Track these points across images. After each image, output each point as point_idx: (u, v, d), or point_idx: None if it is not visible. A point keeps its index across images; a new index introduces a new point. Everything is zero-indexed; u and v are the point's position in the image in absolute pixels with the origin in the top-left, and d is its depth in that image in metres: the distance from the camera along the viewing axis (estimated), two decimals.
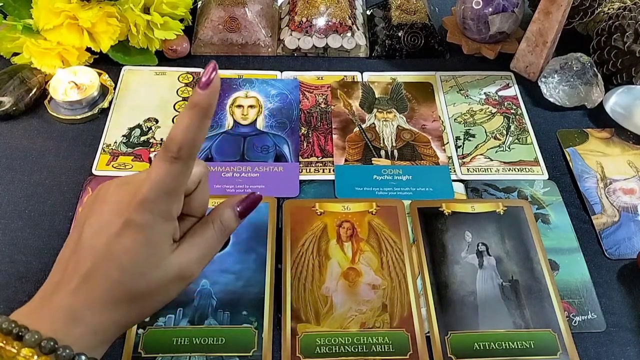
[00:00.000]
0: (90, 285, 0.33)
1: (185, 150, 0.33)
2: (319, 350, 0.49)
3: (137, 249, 0.33)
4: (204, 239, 0.37)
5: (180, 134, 0.33)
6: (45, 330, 0.31)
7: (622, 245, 0.58)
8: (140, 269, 0.34)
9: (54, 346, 0.30)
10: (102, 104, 0.67)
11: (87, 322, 0.33)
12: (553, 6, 0.67)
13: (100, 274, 0.33)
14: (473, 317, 0.52)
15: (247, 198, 0.39)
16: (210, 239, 0.37)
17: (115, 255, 0.33)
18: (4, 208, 0.58)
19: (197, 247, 0.36)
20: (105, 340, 0.34)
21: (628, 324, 0.52)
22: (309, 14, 0.74)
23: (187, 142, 0.33)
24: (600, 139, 0.68)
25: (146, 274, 0.34)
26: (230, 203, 0.38)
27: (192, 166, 0.35)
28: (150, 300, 0.35)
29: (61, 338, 0.31)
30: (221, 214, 0.37)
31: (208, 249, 0.37)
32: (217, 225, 0.37)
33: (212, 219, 0.37)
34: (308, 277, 0.54)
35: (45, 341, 0.30)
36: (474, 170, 0.64)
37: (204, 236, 0.37)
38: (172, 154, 0.33)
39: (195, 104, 0.33)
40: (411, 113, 0.69)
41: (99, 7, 0.66)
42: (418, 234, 0.57)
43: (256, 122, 0.67)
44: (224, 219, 0.37)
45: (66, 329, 0.32)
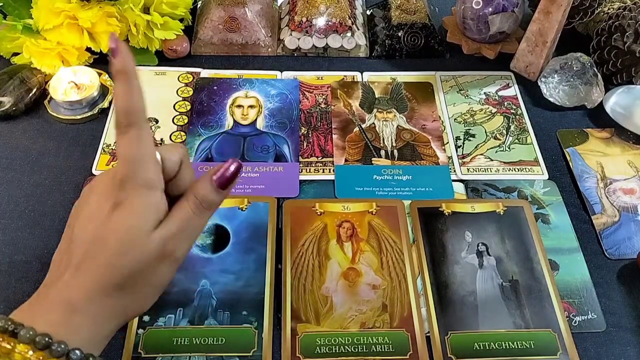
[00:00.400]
0: (82, 273, 0.34)
1: (132, 115, 0.34)
2: (319, 350, 0.49)
3: (123, 226, 0.34)
4: (180, 214, 0.36)
5: (120, 103, 0.34)
6: (42, 325, 0.31)
7: (622, 245, 0.58)
8: (125, 247, 0.34)
9: (48, 342, 0.31)
10: (102, 104, 0.67)
11: (84, 311, 0.33)
12: (553, 6, 0.67)
13: (91, 260, 0.34)
14: (473, 317, 0.52)
15: (221, 167, 0.37)
16: (186, 213, 0.36)
17: (104, 238, 0.34)
18: (4, 208, 0.58)
19: (174, 223, 0.35)
20: (104, 332, 0.35)
21: (628, 324, 0.52)
22: (309, 14, 0.74)
23: (129, 107, 0.34)
24: (600, 139, 0.68)
25: (130, 252, 0.34)
26: (207, 175, 0.37)
27: (148, 127, 0.35)
28: (140, 284, 0.35)
29: (59, 330, 0.32)
30: (196, 187, 0.37)
31: (186, 224, 0.36)
32: (192, 199, 0.36)
33: (187, 194, 0.37)
34: (308, 277, 0.54)
35: (40, 337, 0.31)
36: (474, 170, 0.64)
37: (180, 211, 0.36)
38: (123, 124, 0.34)
39: (117, 72, 0.34)
40: (411, 113, 0.69)
41: (99, 7, 0.66)
42: (418, 234, 0.57)
43: (256, 122, 0.67)
44: (199, 192, 0.36)
45: (64, 321, 0.32)
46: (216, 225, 0.57)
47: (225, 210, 0.58)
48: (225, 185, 0.37)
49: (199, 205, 0.36)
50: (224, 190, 0.37)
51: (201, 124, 0.66)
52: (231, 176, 0.37)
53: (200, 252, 0.55)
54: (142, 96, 0.34)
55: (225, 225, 0.57)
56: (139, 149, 0.34)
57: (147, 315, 0.50)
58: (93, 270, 0.33)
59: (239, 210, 0.58)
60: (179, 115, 0.68)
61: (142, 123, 0.34)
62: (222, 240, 0.56)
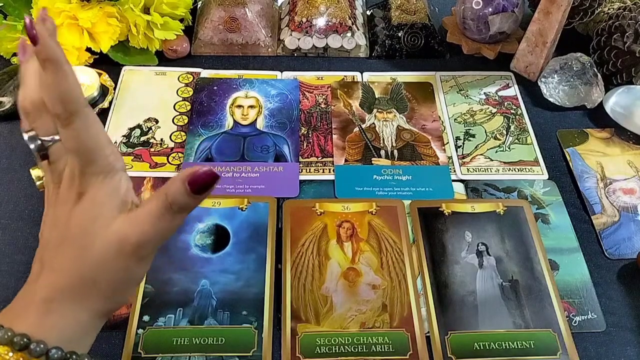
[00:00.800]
0: (53, 273, 0.33)
1: (71, 104, 0.31)
2: (318, 350, 0.49)
3: (85, 219, 0.33)
4: (146, 210, 0.33)
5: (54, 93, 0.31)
6: (21, 326, 0.31)
7: (622, 245, 0.58)
8: (87, 240, 0.32)
9: (27, 342, 0.30)
10: (102, 104, 0.67)
11: (59, 311, 0.32)
12: (553, 6, 0.67)
13: (59, 257, 0.33)
14: (473, 317, 0.52)
15: (197, 170, 0.33)
16: (152, 211, 0.33)
17: (70, 233, 0.33)
18: (4, 208, 0.58)
19: (138, 218, 0.33)
20: (84, 329, 0.34)
21: (628, 324, 0.52)
22: (309, 14, 0.74)
23: (65, 96, 0.31)
24: (600, 139, 0.68)
25: (91, 245, 0.33)
26: (180, 175, 0.33)
27: (91, 112, 0.32)
28: (105, 279, 0.33)
29: (36, 331, 0.31)
30: (168, 187, 0.33)
31: (151, 219, 0.33)
32: (161, 198, 0.33)
33: (158, 191, 0.34)
34: (308, 277, 0.54)
35: (18, 337, 0.30)
36: (474, 170, 0.64)
37: (147, 207, 0.33)
38: (64, 116, 0.31)
39: (42, 61, 0.30)
40: (411, 113, 0.69)
41: (99, 7, 0.66)
42: (418, 234, 0.57)
43: (256, 122, 0.67)
44: (170, 192, 0.33)
45: (40, 321, 0.32)
46: (216, 225, 0.57)
47: (225, 210, 0.58)
48: (200, 192, 0.33)
49: (168, 208, 0.33)
50: (199, 195, 0.33)
51: (201, 124, 0.66)
52: (205, 184, 0.33)
53: (200, 252, 0.55)
54: (77, 81, 0.31)
55: (225, 225, 0.57)
56: (89, 138, 0.32)
57: (147, 315, 0.50)
58: (64, 269, 0.33)
59: (239, 210, 0.58)
60: (179, 115, 0.68)
61: (85, 109, 0.32)
62: (222, 240, 0.56)
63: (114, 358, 0.48)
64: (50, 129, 0.33)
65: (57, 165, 0.34)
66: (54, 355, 0.31)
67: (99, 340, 0.49)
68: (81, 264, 0.33)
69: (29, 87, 0.33)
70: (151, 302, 0.51)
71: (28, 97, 0.33)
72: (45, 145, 0.33)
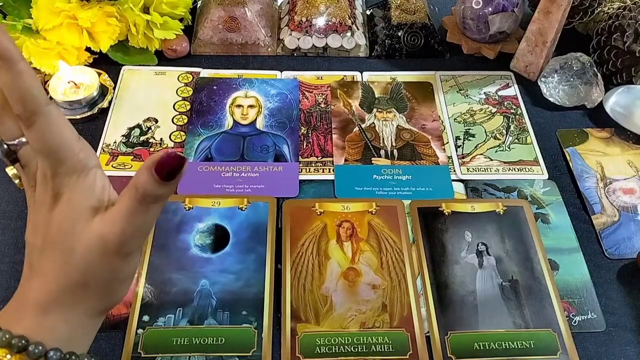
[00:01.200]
0: (42, 278, 0.33)
1: (30, 102, 0.29)
2: (318, 350, 0.49)
3: (64, 220, 0.32)
4: (120, 208, 0.32)
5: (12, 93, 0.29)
6: (18, 328, 0.31)
7: (622, 245, 0.58)
8: (70, 243, 0.32)
9: (25, 344, 0.30)
10: (102, 103, 0.67)
11: (54, 312, 0.32)
12: (553, 6, 0.67)
13: (45, 262, 0.33)
14: (473, 317, 0.52)
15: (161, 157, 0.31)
16: (126, 205, 0.32)
17: (51, 238, 0.32)
18: (4, 208, 0.58)
19: (114, 217, 0.32)
20: (82, 330, 0.34)
21: (628, 323, 0.52)
22: (308, 14, 0.74)
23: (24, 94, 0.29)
24: (600, 139, 0.68)
25: (75, 248, 0.32)
26: (145, 165, 0.31)
27: (55, 109, 0.31)
28: (95, 280, 0.33)
29: (34, 333, 0.31)
30: (137, 179, 0.31)
31: (126, 216, 0.32)
32: (132, 192, 0.31)
33: (130, 184, 0.32)
34: (308, 277, 0.53)
35: (16, 339, 0.30)
36: (474, 170, 0.64)
37: (121, 205, 0.32)
38: (25, 116, 0.30)
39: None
40: (411, 113, 0.69)
41: (98, 7, 0.66)
42: (418, 233, 0.57)
43: (256, 122, 0.67)
44: (138, 182, 0.31)
45: (37, 323, 0.32)
46: (216, 225, 0.57)
47: (225, 210, 0.58)
48: (168, 178, 0.31)
49: (141, 200, 0.31)
50: (169, 182, 0.31)
51: (201, 123, 0.66)
52: (172, 168, 0.30)
53: (200, 252, 0.55)
54: (35, 78, 0.30)
55: (225, 225, 0.57)
56: (54, 138, 0.31)
57: (147, 315, 0.50)
58: (51, 274, 0.32)
59: (238, 210, 0.58)
60: (178, 115, 0.68)
61: (46, 108, 0.30)
62: (222, 240, 0.56)
63: (113, 358, 0.48)
64: (15, 132, 0.32)
65: (30, 168, 0.33)
66: (53, 356, 0.31)
67: (99, 341, 0.50)
68: (68, 267, 0.32)
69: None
70: (151, 302, 0.51)
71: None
72: (12, 149, 0.32)
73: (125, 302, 0.51)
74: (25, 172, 0.34)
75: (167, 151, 0.31)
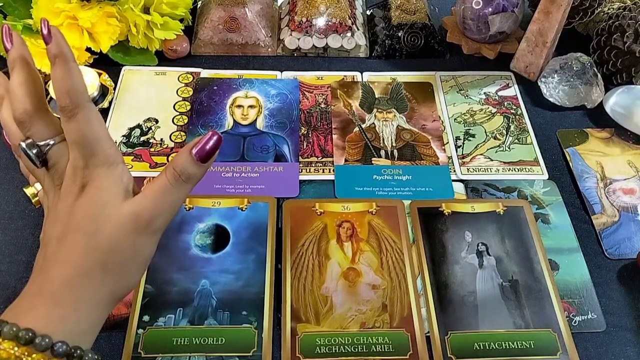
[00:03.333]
0: (60, 263, 0.34)
1: (76, 96, 0.33)
2: (319, 350, 0.49)
3: (91, 205, 0.34)
4: (156, 185, 0.36)
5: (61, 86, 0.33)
6: (26, 321, 0.31)
7: (622, 245, 0.58)
8: (96, 225, 0.34)
9: (31, 336, 0.31)
10: (102, 104, 0.67)
11: (65, 301, 0.33)
12: (553, 6, 0.67)
13: (63, 249, 0.34)
14: (473, 317, 0.52)
15: (201, 139, 0.36)
16: (162, 184, 0.36)
17: (74, 224, 0.34)
18: (4, 208, 0.58)
19: (150, 193, 0.35)
20: (90, 319, 0.34)
21: (628, 324, 0.52)
22: (309, 14, 0.74)
23: (71, 89, 0.33)
24: (600, 139, 0.68)
25: (103, 228, 0.34)
26: (186, 147, 0.36)
27: (93, 107, 0.35)
28: (121, 261, 0.35)
29: (43, 325, 0.31)
30: (175, 159, 0.36)
31: (161, 194, 0.35)
32: (170, 171, 0.36)
33: (167, 166, 0.37)
34: (308, 277, 0.54)
35: (23, 332, 0.31)
36: (474, 170, 0.64)
37: (157, 182, 0.36)
38: (69, 107, 0.33)
39: (54, 57, 0.33)
40: (411, 113, 0.69)
41: (99, 7, 0.66)
42: (418, 234, 0.57)
43: (256, 122, 0.67)
44: (177, 164, 0.36)
45: (46, 314, 0.32)
46: (216, 225, 0.57)
47: (225, 210, 0.58)
48: (206, 159, 0.36)
49: (177, 178, 0.36)
50: (204, 163, 0.36)
51: (201, 124, 0.66)
52: (211, 149, 0.36)
53: (200, 252, 0.55)
54: (82, 77, 0.34)
55: (225, 225, 0.57)
56: (92, 130, 0.34)
57: (147, 315, 0.50)
58: (69, 259, 0.34)
59: (239, 210, 0.58)
60: (179, 115, 0.68)
61: (87, 103, 0.34)
62: (222, 240, 0.56)
63: (114, 358, 0.48)
64: (45, 134, 0.35)
65: (58, 166, 0.36)
66: (59, 349, 0.31)
67: (99, 340, 0.49)
68: (90, 249, 0.34)
69: (19, 98, 0.35)
70: (151, 302, 0.51)
71: (20, 107, 0.34)
72: (43, 150, 0.35)
73: (126, 302, 0.51)
74: (52, 173, 0.36)
75: (209, 135, 0.36)
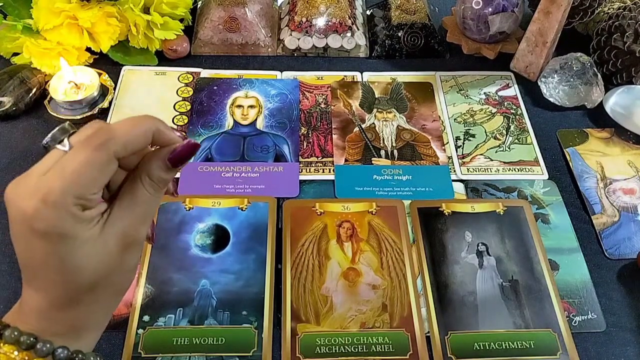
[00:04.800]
0: (41, 289, 0.32)
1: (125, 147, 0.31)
2: (319, 350, 0.49)
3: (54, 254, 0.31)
4: (135, 200, 0.33)
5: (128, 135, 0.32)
6: (26, 328, 0.31)
7: (622, 245, 0.58)
8: (76, 264, 0.31)
9: (33, 342, 0.30)
10: (102, 104, 0.67)
11: (59, 319, 0.32)
12: (553, 6, 0.67)
13: (44, 281, 0.32)
14: (473, 317, 0.52)
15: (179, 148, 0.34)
16: (142, 198, 0.33)
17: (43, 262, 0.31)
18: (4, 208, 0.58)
19: (130, 210, 0.33)
20: (89, 327, 0.34)
21: (628, 324, 0.52)
22: (309, 14, 0.74)
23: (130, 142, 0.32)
24: (600, 139, 0.68)
25: (86, 266, 0.31)
26: (158, 155, 0.34)
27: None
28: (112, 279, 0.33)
29: (43, 330, 0.31)
30: (149, 169, 0.34)
31: (143, 208, 0.34)
32: (147, 182, 0.34)
33: (139, 175, 0.34)
34: (308, 277, 0.54)
35: (25, 337, 0.30)
36: (474, 170, 0.64)
37: (135, 196, 0.33)
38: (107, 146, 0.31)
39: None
40: (411, 113, 0.69)
41: (98, 7, 0.66)
42: (418, 234, 0.57)
43: (256, 122, 0.67)
44: (152, 174, 0.34)
45: (42, 328, 0.32)
46: (216, 225, 0.57)
47: (225, 210, 0.58)
48: (179, 164, 0.35)
49: (155, 187, 0.34)
50: (177, 167, 0.35)
51: (201, 124, 0.66)
52: (188, 157, 0.35)
53: (200, 252, 0.55)
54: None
55: (225, 225, 0.57)
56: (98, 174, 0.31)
57: (147, 315, 0.50)
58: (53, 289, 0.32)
59: (239, 210, 0.58)
60: (179, 115, 0.68)
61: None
62: (222, 240, 0.56)
63: (114, 358, 0.48)
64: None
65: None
66: (60, 354, 0.31)
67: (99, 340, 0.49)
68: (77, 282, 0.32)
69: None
70: (151, 302, 0.51)
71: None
72: None
73: (126, 302, 0.51)
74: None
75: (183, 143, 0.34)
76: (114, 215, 0.33)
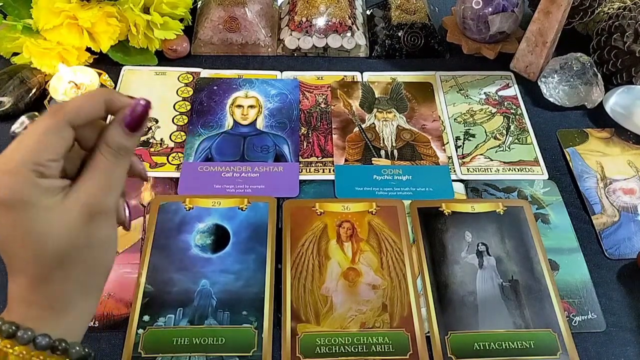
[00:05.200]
0: (16, 270, 0.33)
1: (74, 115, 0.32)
2: (319, 350, 0.49)
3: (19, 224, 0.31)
4: (96, 169, 0.34)
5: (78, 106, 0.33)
6: (9, 317, 0.31)
7: (622, 245, 0.58)
8: (40, 231, 0.31)
9: (14, 330, 0.31)
10: None
11: (37, 302, 0.32)
12: (553, 6, 0.67)
13: (16, 259, 0.32)
14: (473, 317, 0.52)
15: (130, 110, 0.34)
16: (102, 166, 0.34)
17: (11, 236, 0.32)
18: None
19: (92, 180, 0.33)
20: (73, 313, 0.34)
21: (628, 324, 0.52)
22: (309, 14, 0.74)
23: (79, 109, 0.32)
24: (600, 139, 0.68)
25: (49, 233, 0.31)
26: (115, 121, 0.34)
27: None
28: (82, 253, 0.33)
29: (24, 319, 0.31)
30: (107, 137, 0.34)
31: (105, 177, 0.34)
32: (105, 150, 0.34)
33: (99, 145, 0.34)
34: (308, 277, 0.54)
35: (7, 325, 0.31)
36: (474, 170, 0.64)
37: (96, 165, 0.34)
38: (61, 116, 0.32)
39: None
40: (411, 113, 0.69)
41: (98, 7, 0.66)
42: (418, 234, 0.57)
43: (256, 122, 0.67)
44: (111, 141, 0.34)
45: (22, 315, 0.32)
46: (216, 225, 0.57)
47: (225, 210, 0.58)
48: (137, 128, 0.34)
49: (116, 155, 0.34)
50: (137, 132, 0.35)
51: (201, 124, 0.66)
52: (141, 116, 0.34)
53: (200, 252, 0.55)
54: None
55: (225, 225, 0.57)
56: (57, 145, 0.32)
57: (147, 315, 0.50)
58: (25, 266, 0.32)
59: (239, 210, 0.58)
60: (179, 115, 0.68)
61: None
62: (222, 240, 0.56)
63: (113, 358, 0.48)
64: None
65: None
66: (41, 342, 0.31)
67: (99, 340, 0.50)
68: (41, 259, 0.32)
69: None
70: (151, 302, 0.51)
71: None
72: None
73: (126, 302, 0.51)
74: None
75: (133, 105, 0.34)
76: (76, 185, 0.33)
